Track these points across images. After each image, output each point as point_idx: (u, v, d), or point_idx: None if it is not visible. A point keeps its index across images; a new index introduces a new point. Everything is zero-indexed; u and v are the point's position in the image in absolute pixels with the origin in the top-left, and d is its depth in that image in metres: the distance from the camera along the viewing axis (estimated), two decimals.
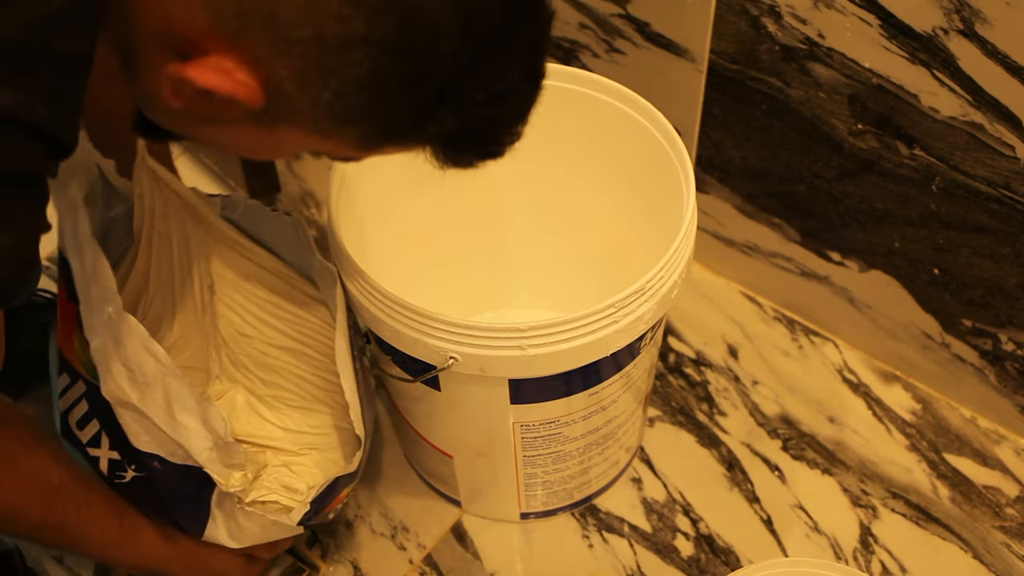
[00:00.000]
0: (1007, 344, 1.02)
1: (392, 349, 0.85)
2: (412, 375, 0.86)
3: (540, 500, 1.01)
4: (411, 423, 0.98)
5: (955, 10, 0.84)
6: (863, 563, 1.01)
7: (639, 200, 0.97)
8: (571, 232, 1.07)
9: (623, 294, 0.77)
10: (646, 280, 0.78)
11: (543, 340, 0.77)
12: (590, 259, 1.07)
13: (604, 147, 0.96)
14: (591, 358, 0.80)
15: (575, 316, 0.77)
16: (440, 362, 0.80)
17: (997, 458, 1.08)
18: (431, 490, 1.07)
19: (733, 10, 0.97)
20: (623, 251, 1.02)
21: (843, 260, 1.09)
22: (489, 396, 0.85)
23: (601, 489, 1.05)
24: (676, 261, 0.81)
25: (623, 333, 0.79)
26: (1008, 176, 0.90)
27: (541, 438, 0.91)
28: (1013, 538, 1.02)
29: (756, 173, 1.09)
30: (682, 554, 1.03)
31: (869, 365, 1.16)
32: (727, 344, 1.18)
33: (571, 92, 0.92)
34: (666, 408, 1.13)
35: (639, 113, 0.90)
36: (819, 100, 0.97)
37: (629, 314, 0.78)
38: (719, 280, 1.24)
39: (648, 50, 1.07)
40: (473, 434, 0.93)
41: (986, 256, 0.97)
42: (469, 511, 1.05)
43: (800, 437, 1.10)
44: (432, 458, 1.00)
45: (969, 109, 0.88)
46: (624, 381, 0.89)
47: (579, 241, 1.07)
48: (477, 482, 1.01)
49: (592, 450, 0.96)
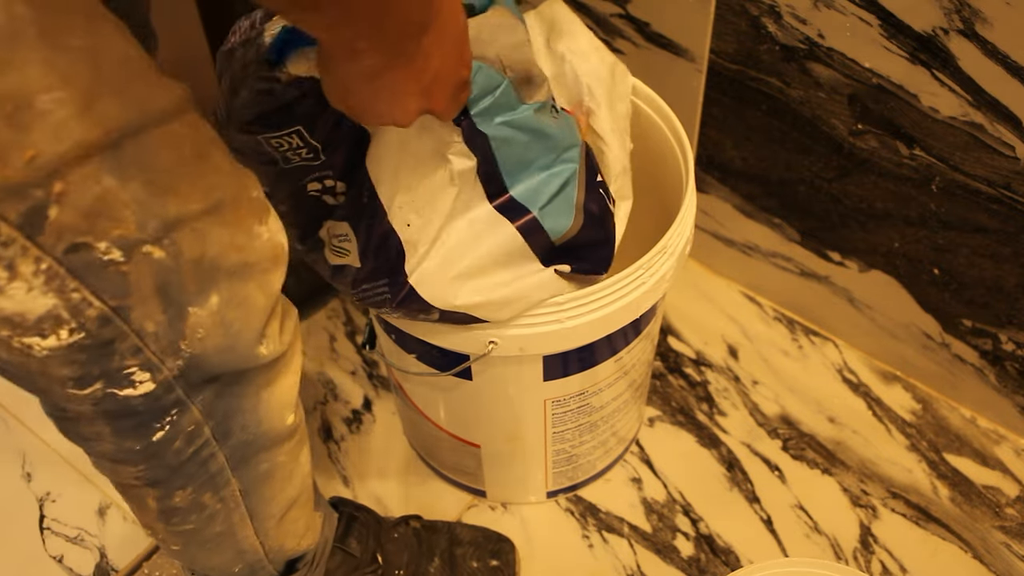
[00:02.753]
0: (1007, 344, 1.02)
1: (419, 346, 0.85)
2: (442, 369, 0.86)
3: (567, 476, 1.03)
4: (433, 419, 0.98)
5: (955, 10, 0.84)
6: (863, 563, 1.01)
7: (642, 182, 0.98)
8: None
9: (649, 255, 0.81)
10: (667, 239, 0.82)
11: (580, 310, 0.80)
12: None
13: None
14: (623, 322, 0.83)
15: (608, 283, 0.79)
16: (478, 349, 0.81)
17: (997, 458, 1.08)
18: (438, 487, 1.07)
19: (733, 10, 0.97)
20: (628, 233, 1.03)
21: (843, 260, 1.09)
22: (523, 377, 0.87)
23: (622, 454, 1.08)
24: (687, 219, 0.85)
25: (650, 294, 0.83)
26: (1008, 176, 0.90)
27: (571, 412, 0.93)
28: (1013, 538, 1.02)
29: (756, 173, 1.09)
30: (682, 554, 1.03)
31: (869, 365, 1.16)
32: (727, 344, 1.18)
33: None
34: (666, 408, 1.13)
35: (638, 98, 0.93)
36: (819, 100, 0.97)
37: (654, 274, 0.82)
38: (719, 280, 1.24)
39: (648, 50, 1.07)
40: (504, 419, 0.94)
41: (986, 256, 0.97)
42: (494, 499, 1.06)
43: (800, 437, 1.10)
44: (457, 451, 1.01)
45: (969, 109, 0.88)
46: (645, 343, 0.92)
47: None
48: (504, 467, 1.02)
49: (616, 416, 0.98)
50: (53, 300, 0.49)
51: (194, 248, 0.53)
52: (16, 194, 0.45)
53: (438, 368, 0.87)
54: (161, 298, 0.53)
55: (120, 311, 0.52)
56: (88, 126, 0.46)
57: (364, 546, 0.91)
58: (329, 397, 1.16)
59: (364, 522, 0.93)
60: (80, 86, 0.45)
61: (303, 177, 0.74)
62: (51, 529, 1.08)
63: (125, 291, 0.51)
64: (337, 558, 0.89)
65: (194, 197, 0.52)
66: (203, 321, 0.55)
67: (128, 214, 0.49)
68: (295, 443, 0.71)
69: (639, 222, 1.00)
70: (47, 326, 0.50)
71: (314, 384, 1.18)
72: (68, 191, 0.46)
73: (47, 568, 1.05)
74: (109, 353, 0.53)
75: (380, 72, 0.55)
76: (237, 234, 0.55)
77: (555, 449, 0.98)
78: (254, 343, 0.59)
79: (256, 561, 0.77)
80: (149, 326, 0.53)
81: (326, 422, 1.14)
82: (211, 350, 0.57)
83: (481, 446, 0.98)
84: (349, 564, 0.90)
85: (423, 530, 0.98)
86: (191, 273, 0.53)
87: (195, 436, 0.61)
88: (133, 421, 0.58)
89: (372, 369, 1.19)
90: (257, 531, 0.73)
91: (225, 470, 0.66)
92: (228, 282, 0.55)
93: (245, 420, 0.64)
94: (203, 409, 0.60)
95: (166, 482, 0.63)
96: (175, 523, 0.68)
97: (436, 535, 0.98)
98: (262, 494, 0.70)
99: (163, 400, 0.57)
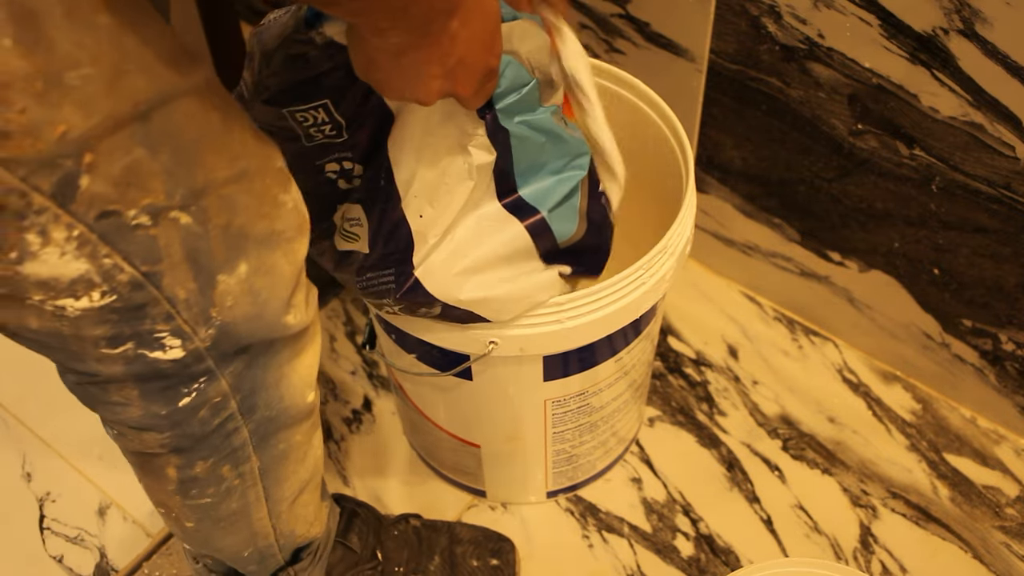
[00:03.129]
0: (1007, 344, 1.02)
1: (419, 346, 0.85)
2: (442, 369, 0.86)
3: (567, 476, 1.03)
4: (433, 419, 0.98)
5: (955, 10, 0.84)
6: (863, 563, 1.01)
7: (642, 182, 0.98)
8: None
9: (649, 255, 0.81)
10: (667, 239, 0.82)
11: (581, 310, 0.80)
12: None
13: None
14: (623, 323, 0.83)
15: (608, 283, 0.79)
16: (478, 349, 0.81)
17: (997, 458, 1.08)
18: (438, 487, 1.07)
19: (733, 10, 0.97)
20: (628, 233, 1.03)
21: (843, 260, 1.09)
22: (523, 377, 0.87)
23: (622, 454, 1.08)
24: (687, 219, 0.85)
25: (650, 294, 0.83)
26: (1008, 176, 0.90)
27: (571, 412, 0.93)
28: (1013, 538, 1.02)
29: (756, 173, 1.09)
30: (682, 554, 1.03)
31: (869, 365, 1.16)
32: (727, 344, 1.18)
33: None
34: (666, 408, 1.13)
35: (638, 98, 0.93)
36: (819, 100, 0.97)
37: (654, 274, 0.82)
38: (719, 280, 1.24)
39: (648, 50, 1.07)
40: (504, 419, 0.94)
41: (986, 256, 0.97)
42: (494, 499, 1.06)
43: (800, 437, 1.10)
44: (457, 451, 1.01)
45: (969, 109, 0.88)
46: (645, 343, 0.92)
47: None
48: (504, 467, 1.02)
49: (616, 416, 0.98)
50: (85, 265, 0.51)
51: (221, 215, 0.55)
52: (48, 165, 0.47)
53: (438, 368, 0.87)
54: (191, 265, 0.55)
55: (151, 277, 0.54)
56: (116, 100, 0.48)
57: (364, 542, 0.92)
58: (329, 397, 1.16)
59: (364, 518, 0.93)
60: (107, 62, 0.47)
61: (323, 156, 0.75)
62: (51, 529, 1.08)
63: (155, 257, 0.53)
64: (338, 553, 0.90)
65: (220, 166, 0.54)
66: (232, 289, 0.57)
67: (157, 184, 0.51)
68: (311, 424, 0.72)
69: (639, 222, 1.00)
70: (80, 288, 0.52)
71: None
72: (98, 162, 0.48)
73: (47, 568, 1.05)
74: (140, 317, 0.55)
75: (404, 50, 0.56)
76: (263, 202, 0.57)
77: (555, 449, 0.98)
78: (281, 312, 0.61)
79: (267, 546, 0.78)
80: (180, 293, 0.55)
81: (326, 422, 1.14)
82: (240, 318, 0.58)
83: (481, 446, 0.98)
84: (349, 559, 0.90)
85: (423, 528, 0.98)
86: (220, 240, 0.55)
87: (221, 408, 0.63)
88: (162, 384, 0.59)
89: (372, 369, 1.19)
90: (271, 512, 0.74)
91: (247, 446, 0.67)
92: (256, 250, 0.57)
93: (269, 396, 0.65)
94: (231, 382, 0.62)
95: (190, 451, 0.65)
96: (193, 496, 0.69)
97: (436, 534, 0.98)
98: (278, 474, 0.72)
99: (192, 368, 0.59)
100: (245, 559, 0.78)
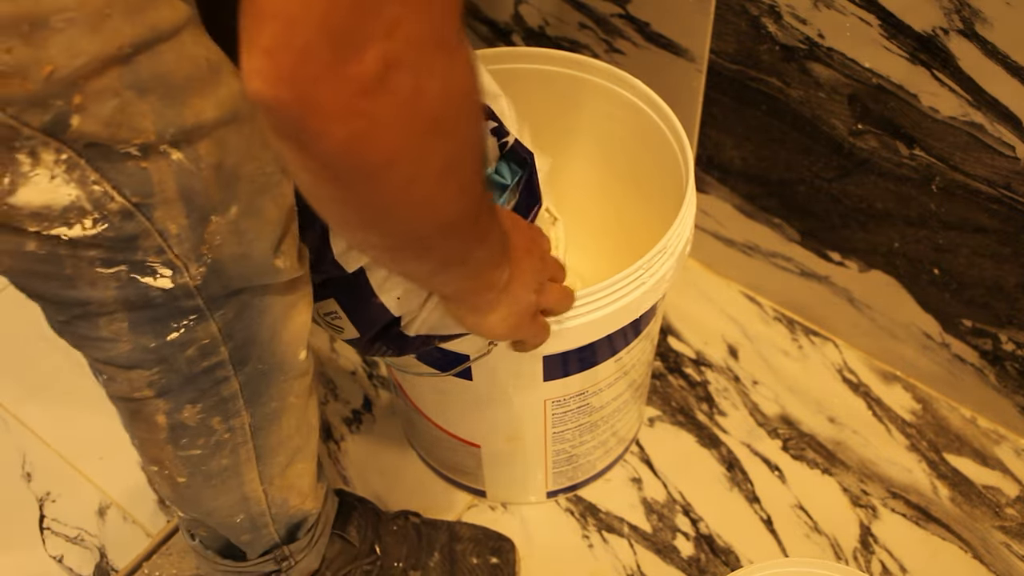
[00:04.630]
0: (1007, 344, 1.02)
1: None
2: (442, 369, 0.86)
3: (567, 476, 1.03)
4: (432, 419, 0.98)
5: (955, 10, 0.84)
6: (863, 563, 1.01)
7: (641, 182, 0.99)
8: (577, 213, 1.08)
9: (649, 255, 0.80)
10: (667, 239, 0.82)
11: (580, 310, 0.80)
12: (598, 237, 1.09)
13: (604, 130, 0.98)
14: (623, 322, 0.83)
15: (608, 283, 0.79)
16: (478, 349, 0.81)
17: (997, 458, 1.08)
18: (438, 487, 1.07)
19: (733, 10, 0.97)
20: (628, 233, 1.05)
21: (843, 260, 1.09)
22: (522, 377, 0.87)
23: (622, 454, 1.08)
24: (687, 219, 0.85)
25: (650, 294, 0.83)
26: (1008, 176, 0.90)
27: (571, 412, 0.93)
28: (1013, 538, 1.02)
29: (756, 173, 1.09)
30: (682, 554, 1.03)
31: (869, 365, 1.16)
32: (727, 344, 1.18)
33: (579, 79, 0.95)
34: (666, 408, 1.13)
35: (638, 97, 0.93)
36: (819, 100, 0.97)
37: (654, 274, 0.82)
38: (719, 280, 1.24)
39: (648, 50, 1.07)
40: (504, 419, 0.94)
41: (986, 256, 0.97)
42: (494, 499, 1.06)
43: (800, 437, 1.10)
44: (457, 451, 1.01)
45: (969, 109, 0.88)
46: (645, 343, 0.92)
47: (584, 222, 1.08)
48: (504, 467, 1.02)
49: (616, 416, 0.98)
50: (75, 191, 0.52)
51: (213, 154, 0.56)
52: (38, 105, 0.49)
53: (438, 368, 0.87)
54: (184, 203, 0.56)
55: (142, 208, 0.55)
56: (101, 42, 0.49)
57: (363, 536, 0.92)
58: (329, 397, 1.16)
59: (363, 512, 0.93)
60: (91, 6, 0.48)
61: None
62: (51, 529, 1.08)
63: (147, 191, 0.54)
64: (336, 546, 0.90)
65: (209, 107, 0.55)
66: (220, 228, 0.58)
67: (147, 124, 0.52)
68: (305, 387, 0.73)
69: (639, 222, 1.00)
70: (72, 216, 0.53)
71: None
72: (87, 103, 0.50)
73: (47, 568, 1.05)
74: (133, 248, 0.56)
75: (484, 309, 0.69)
76: (252, 144, 0.58)
77: (555, 449, 0.98)
78: (270, 254, 0.62)
79: (259, 514, 0.78)
80: (172, 228, 0.56)
81: (326, 422, 1.14)
82: (227, 257, 0.59)
83: (481, 446, 0.98)
84: (348, 553, 0.90)
85: (423, 525, 0.98)
86: (213, 180, 0.56)
87: (210, 352, 0.64)
88: (151, 314, 0.60)
89: (372, 369, 1.19)
90: (262, 476, 0.74)
91: (238, 398, 0.68)
92: (246, 191, 0.58)
93: (262, 351, 0.66)
94: (222, 327, 0.63)
95: (178, 392, 0.65)
96: (183, 445, 0.69)
97: (436, 531, 0.98)
98: (269, 434, 0.72)
99: (182, 303, 0.60)
100: (238, 526, 0.78)
